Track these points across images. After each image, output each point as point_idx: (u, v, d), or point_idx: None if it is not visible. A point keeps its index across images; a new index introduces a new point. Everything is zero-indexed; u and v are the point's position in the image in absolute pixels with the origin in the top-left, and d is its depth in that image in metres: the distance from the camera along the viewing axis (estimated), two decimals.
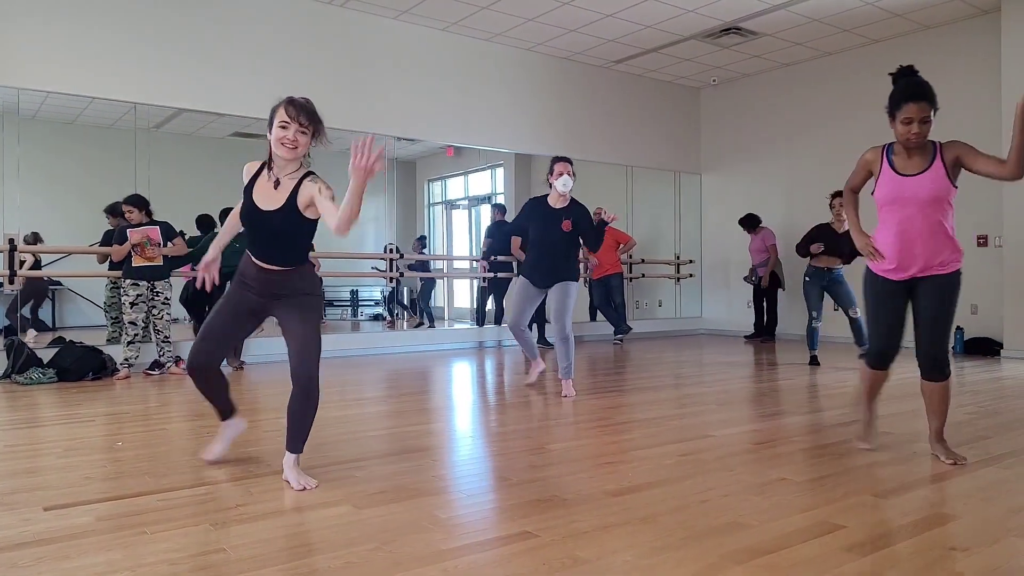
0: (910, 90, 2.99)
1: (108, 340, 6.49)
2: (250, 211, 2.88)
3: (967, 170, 3.01)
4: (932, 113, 3.02)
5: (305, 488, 2.75)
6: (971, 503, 2.56)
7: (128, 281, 6.02)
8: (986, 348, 7.49)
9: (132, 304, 6.01)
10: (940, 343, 3.02)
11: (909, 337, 3.09)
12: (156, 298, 6.10)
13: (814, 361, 6.65)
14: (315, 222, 2.91)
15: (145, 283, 6.04)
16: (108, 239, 6.48)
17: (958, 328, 7.75)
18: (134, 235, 6.02)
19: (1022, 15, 7.12)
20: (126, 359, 6.00)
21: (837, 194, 6.44)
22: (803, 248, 6.56)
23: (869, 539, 2.20)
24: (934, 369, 3.04)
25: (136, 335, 6.03)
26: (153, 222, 6.13)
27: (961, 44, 7.96)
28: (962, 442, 3.48)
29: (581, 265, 5.99)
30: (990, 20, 7.66)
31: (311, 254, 3.10)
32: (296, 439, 2.86)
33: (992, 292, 7.44)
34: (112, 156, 7.57)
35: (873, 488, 2.73)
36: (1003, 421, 4.03)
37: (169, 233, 6.19)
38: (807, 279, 6.54)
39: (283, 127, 2.80)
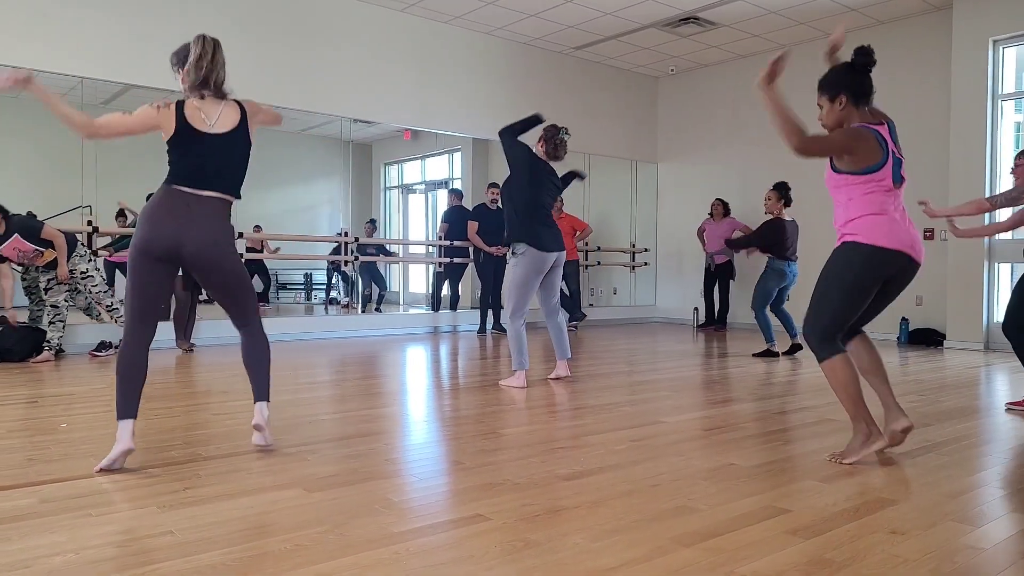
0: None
1: (31, 320, 6.20)
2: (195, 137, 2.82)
3: None
4: (825, 100, 3.04)
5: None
6: (911, 488, 2.64)
7: (39, 269, 5.84)
8: (929, 338, 7.71)
9: (47, 289, 5.83)
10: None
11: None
12: (73, 277, 5.91)
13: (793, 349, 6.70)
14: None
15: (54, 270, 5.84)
16: None
17: (903, 319, 7.97)
18: (6, 252, 5.60)
19: (973, 11, 7.30)
20: (48, 340, 5.81)
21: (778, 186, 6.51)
22: (739, 246, 6.69)
23: (813, 523, 2.26)
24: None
25: (58, 316, 5.85)
26: (9, 228, 5.55)
27: (913, 39, 8.14)
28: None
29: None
30: (942, 16, 7.85)
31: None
32: (268, 387, 3.03)
33: (936, 284, 7.66)
34: (57, 134, 7.34)
35: (817, 474, 2.80)
36: (944, 409, 4.16)
37: (31, 230, 5.61)
38: (775, 272, 6.45)
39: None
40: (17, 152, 8.28)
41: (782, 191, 6.47)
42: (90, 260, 6.01)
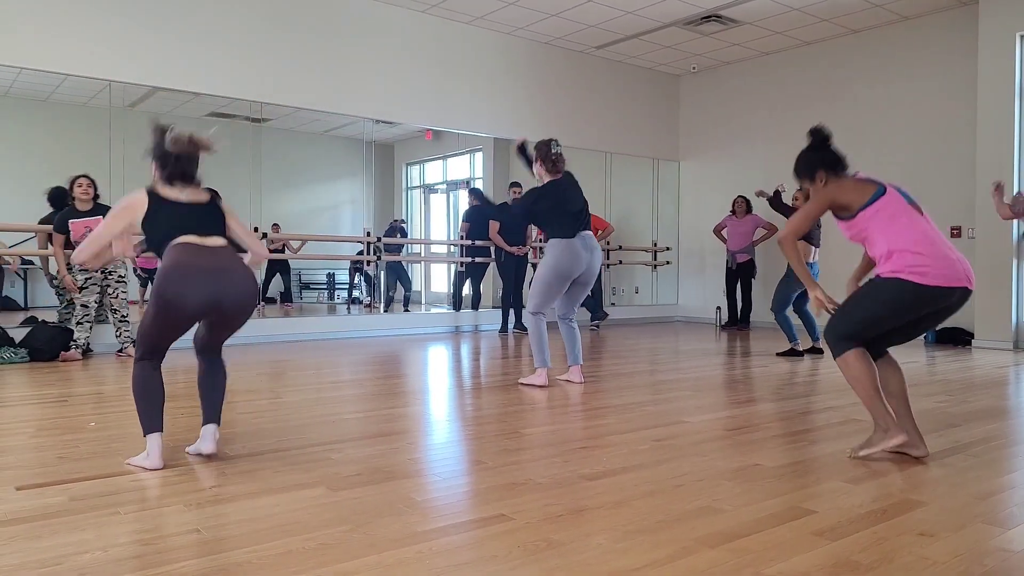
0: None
1: (60, 321, 6.32)
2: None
3: None
4: (807, 183, 3.12)
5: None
6: (939, 490, 2.60)
7: (72, 268, 5.88)
8: (957, 338, 7.61)
9: (81, 288, 5.87)
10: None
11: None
12: (109, 278, 5.96)
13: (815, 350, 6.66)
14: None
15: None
16: (47, 222, 6.15)
17: None
18: (76, 227, 5.74)
19: (999, 6, 7.18)
20: (75, 340, 5.89)
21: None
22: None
23: (839, 524, 2.23)
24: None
25: (86, 316, 5.91)
26: (96, 208, 5.80)
27: (939, 35, 8.04)
28: (932, 430, 3.54)
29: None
30: (968, 11, 7.73)
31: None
32: (219, 409, 2.99)
33: None
34: (86, 134, 7.46)
35: (843, 475, 2.78)
36: (972, 409, 4.10)
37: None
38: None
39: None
40: (44, 153, 8.41)
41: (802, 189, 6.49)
42: (127, 267, 6.10)
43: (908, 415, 3.03)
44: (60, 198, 6.09)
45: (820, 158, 3.06)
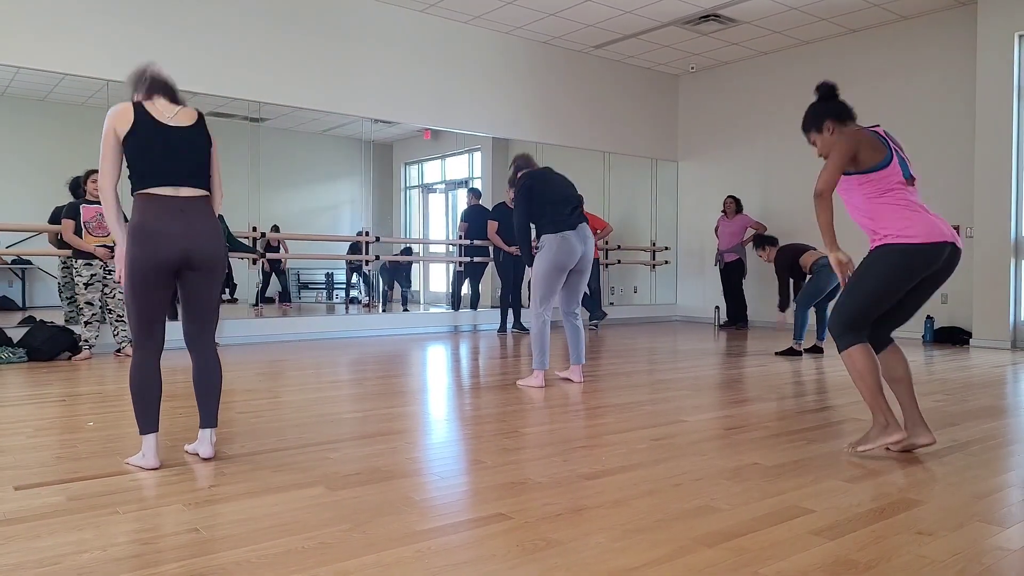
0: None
1: (66, 321, 6.35)
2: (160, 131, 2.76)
3: None
4: (815, 134, 3.17)
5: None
6: (937, 488, 2.61)
7: (80, 261, 5.86)
8: (955, 337, 7.62)
9: (87, 284, 5.87)
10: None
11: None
12: (109, 276, 5.97)
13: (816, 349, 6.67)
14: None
15: (99, 262, 5.90)
16: (57, 217, 6.20)
17: (928, 317, 7.88)
18: (87, 210, 5.83)
19: (998, 6, 7.19)
20: (85, 340, 5.90)
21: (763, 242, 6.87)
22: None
23: (837, 523, 2.24)
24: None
25: (94, 315, 5.91)
26: None
27: (937, 35, 8.05)
28: (931, 429, 3.54)
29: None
30: (967, 11, 7.75)
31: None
32: (215, 412, 2.92)
33: (962, 282, 7.56)
34: (84, 134, 7.43)
35: (842, 474, 2.78)
36: (970, 408, 4.11)
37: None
38: (824, 267, 6.31)
39: None
40: (42, 152, 8.40)
41: (760, 242, 6.89)
42: None
43: (912, 403, 3.05)
44: (77, 187, 6.14)
45: (827, 107, 3.09)
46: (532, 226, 4.79)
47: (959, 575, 1.87)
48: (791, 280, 6.66)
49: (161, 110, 2.80)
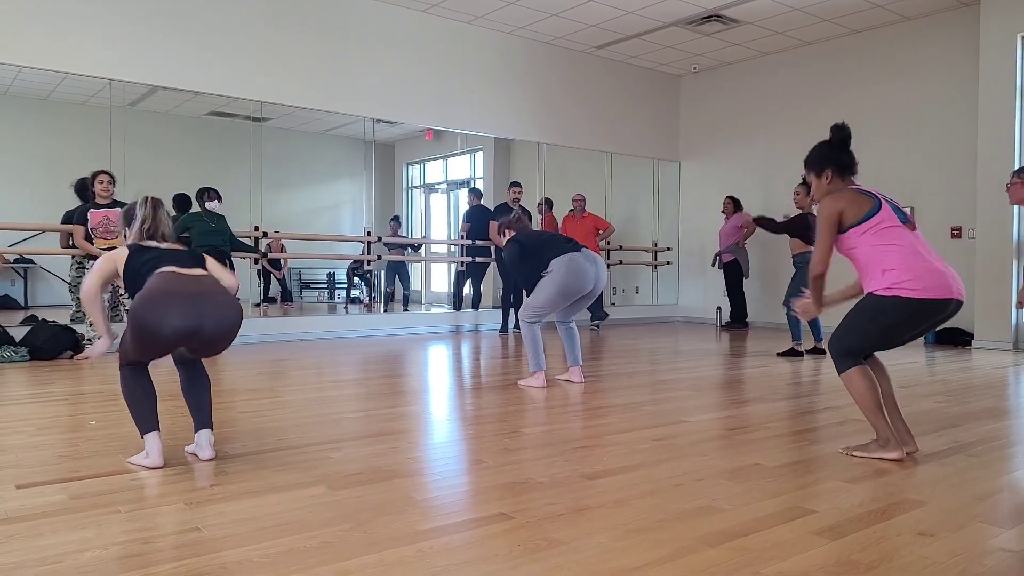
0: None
1: (72, 320, 6.37)
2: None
3: None
4: (812, 176, 3.18)
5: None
6: (939, 489, 2.61)
7: (92, 261, 5.87)
8: (957, 338, 7.61)
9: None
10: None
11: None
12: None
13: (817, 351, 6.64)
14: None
15: None
16: (68, 218, 6.21)
17: None
18: (94, 216, 5.83)
19: (1001, 7, 7.18)
20: (89, 339, 5.91)
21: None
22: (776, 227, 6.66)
23: (839, 523, 2.24)
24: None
25: None
26: (116, 203, 5.92)
27: (940, 35, 8.04)
28: (931, 430, 3.55)
29: None
30: (970, 12, 7.74)
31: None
32: (209, 414, 2.96)
33: (964, 283, 7.54)
34: (87, 133, 7.46)
35: (843, 474, 2.78)
36: (972, 410, 4.10)
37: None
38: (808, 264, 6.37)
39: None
40: (44, 151, 8.41)
41: (808, 186, 6.50)
42: None
43: (896, 413, 3.11)
44: (85, 190, 6.15)
45: (834, 157, 3.09)
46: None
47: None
48: (779, 231, 6.63)
49: (156, 245, 2.91)
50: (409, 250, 10.87)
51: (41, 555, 1.94)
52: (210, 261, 3.00)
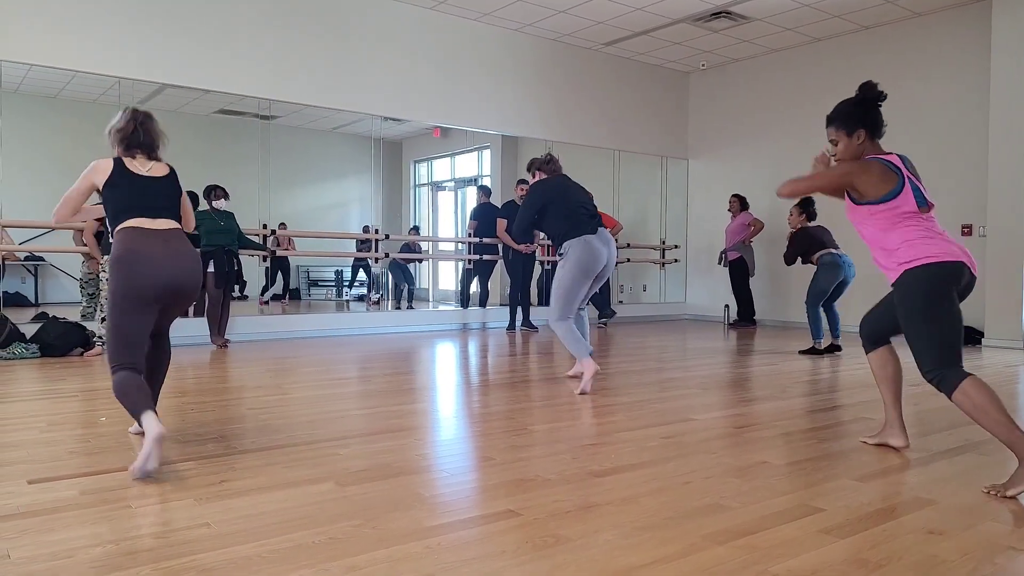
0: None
1: (82, 316, 6.41)
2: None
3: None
4: (842, 134, 2.96)
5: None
6: (949, 488, 2.59)
7: (106, 257, 5.90)
8: (968, 337, 7.58)
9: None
10: None
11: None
12: None
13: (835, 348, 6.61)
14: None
15: None
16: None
17: None
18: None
19: (1013, 3, 7.14)
20: (100, 336, 5.93)
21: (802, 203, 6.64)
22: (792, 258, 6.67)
23: (848, 522, 2.23)
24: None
25: None
26: None
27: (952, 31, 7.99)
28: (942, 428, 3.53)
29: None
30: (981, 8, 7.69)
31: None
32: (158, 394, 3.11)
33: (974, 283, 7.50)
34: (96, 131, 7.47)
35: (852, 472, 2.77)
36: None
37: None
38: (826, 265, 6.34)
39: None
40: (54, 150, 8.45)
41: (804, 206, 6.66)
42: None
43: (896, 403, 3.07)
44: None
45: (866, 115, 2.91)
46: (537, 232, 4.72)
47: (971, 574, 1.86)
48: (798, 259, 6.66)
49: (138, 165, 3.04)
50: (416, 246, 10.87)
51: (52, 550, 1.96)
52: (184, 199, 3.18)
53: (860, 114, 2.92)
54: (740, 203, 9.36)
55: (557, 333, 4.60)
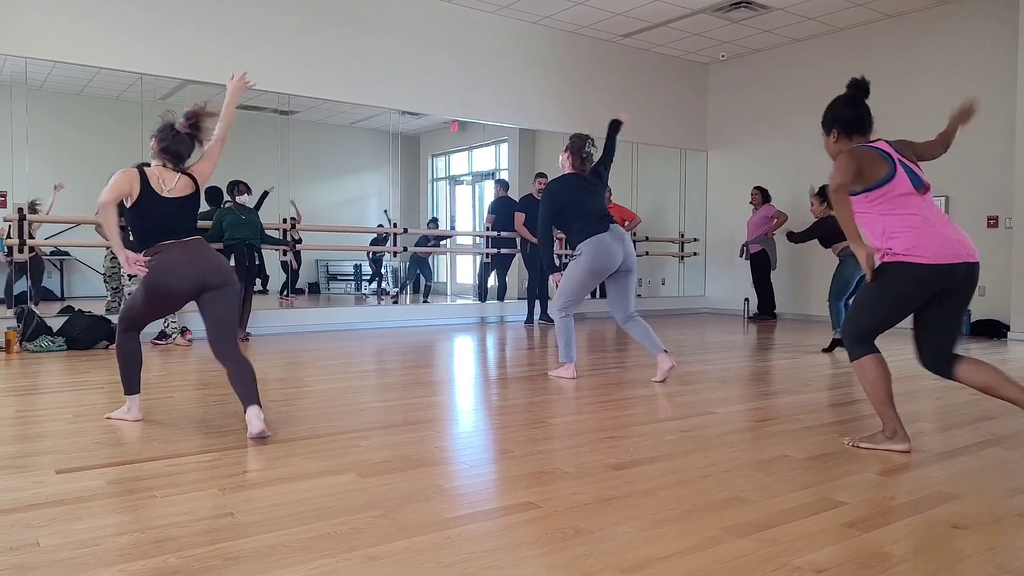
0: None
1: (107, 310, 6.49)
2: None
3: None
4: (823, 135, 3.11)
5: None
6: (974, 482, 2.57)
7: (113, 257, 5.97)
8: (993, 330, 7.49)
9: (131, 276, 5.96)
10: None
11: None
12: None
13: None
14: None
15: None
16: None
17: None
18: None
19: None
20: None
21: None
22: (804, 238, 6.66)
23: (870, 516, 2.21)
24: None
25: None
26: None
27: (977, 20, 7.87)
28: (966, 423, 3.50)
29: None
30: None
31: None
32: (256, 393, 3.17)
33: (1000, 274, 7.42)
34: (119, 127, 7.55)
35: (875, 466, 2.75)
36: (1008, 403, 4.03)
37: None
38: (849, 257, 6.23)
39: None
40: (77, 146, 8.55)
41: (825, 195, 6.52)
42: None
43: (1020, 393, 2.92)
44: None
45: (841, 114, 3.03)
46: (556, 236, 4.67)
47: (996, 570, 1.84)
48: (809, 239, 6.67)
49: (163, 182, 3.24)
50: (432, 241, 10.89)
51: (80, 538, 1.99)
52: (213, 149, 3.48)
53: (835, 115, 3.06)
54: (762, 195, 9.29)
55: (555, 323, 4.74)
